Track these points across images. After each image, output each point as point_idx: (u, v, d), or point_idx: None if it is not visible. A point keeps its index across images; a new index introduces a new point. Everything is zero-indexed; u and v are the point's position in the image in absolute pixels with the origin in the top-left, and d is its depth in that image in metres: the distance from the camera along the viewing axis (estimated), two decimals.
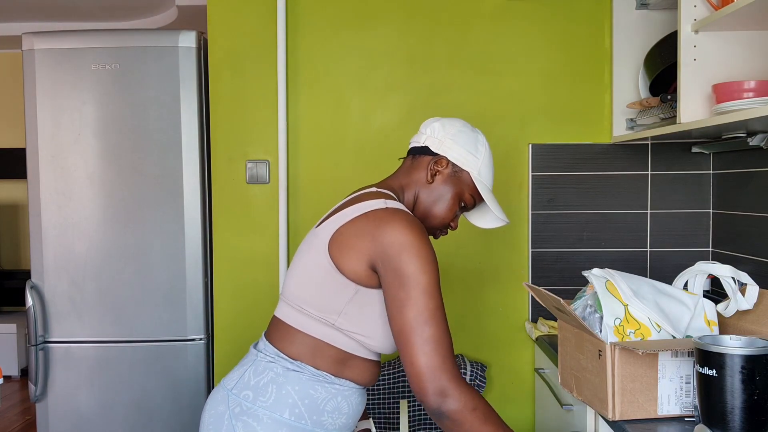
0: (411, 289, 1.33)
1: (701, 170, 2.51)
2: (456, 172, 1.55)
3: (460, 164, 1.54)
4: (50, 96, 2.51)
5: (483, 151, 1.57)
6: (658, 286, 1.66)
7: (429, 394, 1.30)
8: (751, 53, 1.92)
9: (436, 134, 1.57)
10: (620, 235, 2.53)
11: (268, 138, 2.54)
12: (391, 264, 1.34)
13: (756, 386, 1.30)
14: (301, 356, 1.43)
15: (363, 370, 1.48)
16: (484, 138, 1.60)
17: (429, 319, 1.32)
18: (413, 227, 1.37)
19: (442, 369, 1.30)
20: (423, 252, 1.34)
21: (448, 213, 1.55)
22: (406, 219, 1.38)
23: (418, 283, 1.33)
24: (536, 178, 2.53)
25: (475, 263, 2.56)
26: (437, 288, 1.35)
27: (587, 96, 2.52)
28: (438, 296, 1.34)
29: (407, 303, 1.32)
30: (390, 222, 1.37)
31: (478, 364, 2.44)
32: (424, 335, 1.31)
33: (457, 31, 2.53)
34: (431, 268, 1.35)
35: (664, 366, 1.53)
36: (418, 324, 1.32)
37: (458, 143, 1.54)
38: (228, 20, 2.54)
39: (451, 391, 1.30)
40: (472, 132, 1.58)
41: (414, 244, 1.34)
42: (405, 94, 2.54)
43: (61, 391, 2.55)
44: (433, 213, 1.55)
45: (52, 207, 2.52)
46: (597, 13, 2.50)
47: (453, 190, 1.55)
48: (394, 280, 1.34)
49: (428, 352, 1.30)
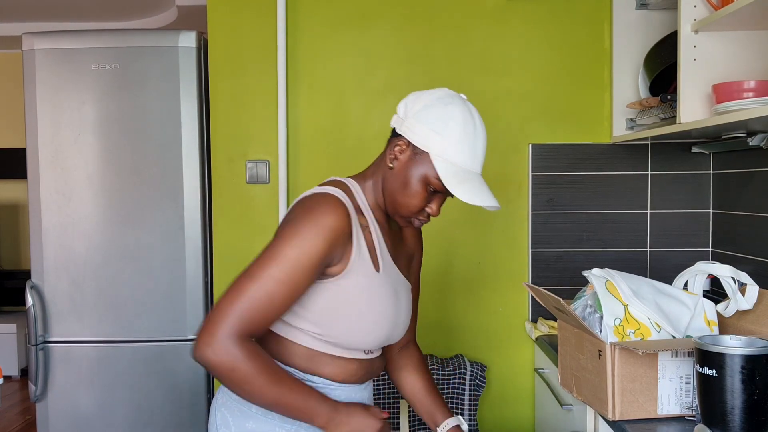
0: (271, 248, 1.27)
1: (701, 170, 2.51)
2: (417, 154, 1.36)
3: (420, 145, 1.35)
4: (50, 96, 2.51)
5: (454, 127, 1.34)
6: (658, 286, 1.66)
7: (201, 337, 1.23)
8: (751, 53, 1.92)
9: (401, 112, 1.42)
10: (620, 235, 2.53)
11: (268, 138, 2.54)
12: (278, 230, 1.32)
13: (756, 386, 1.30)
14: (271, 352, 1.40)
15: (335, 366, 1.40)
16: (464, 111, 1.37)
17: (258, 279, 1.24)
18: (310, 206, 1.31)
19: (227, 321, 1.22)
20: (306, 231, 1.27)
21: (415, 200, 1.37)
22: (310, 198, 1.34)
23: (279, 249, 1.26)
24: (536, 178, 2.53)
25: (475, 263, 2.56)
26: (294, 266, 1.25)
27: (587, 96, 2.52)
28: (287, 272, 1.25)
29: (259, 257, 1.27)
30: (302, 200, 1.36)
31: (478, 364, 2.44)
32: (242, 287, 1.25)
33: (456, 31, 2.53)
34: (302, 247, 1.26)
35: (664, 366, 1.53)
36: (248, 276, 1.25)
37: (421, 121, 1.36)
38: (228, 20, 2.54)
39: (218, 345, 1.22)
40: (446, 106, 1.37)
41: (303, 219, 1.28)
42: (405, 94, 2.51)
43: (61, 391, 2.55)
44: (398, 201, 1.39)
45: (52, 207, 2.52)
46: (597, 13, 2.50)
47: (415, 174, 1.36)
48: (271, 241, 1.30)
49: (233, 301, 1.24)
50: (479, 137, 1.37)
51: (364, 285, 1.36)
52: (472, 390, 2.40)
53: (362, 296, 1.36)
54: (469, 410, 2.40)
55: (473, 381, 2.40)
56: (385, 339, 1.43)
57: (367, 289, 1.37)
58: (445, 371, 2.39)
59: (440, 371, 2.39)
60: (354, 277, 1.35)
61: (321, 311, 1.35)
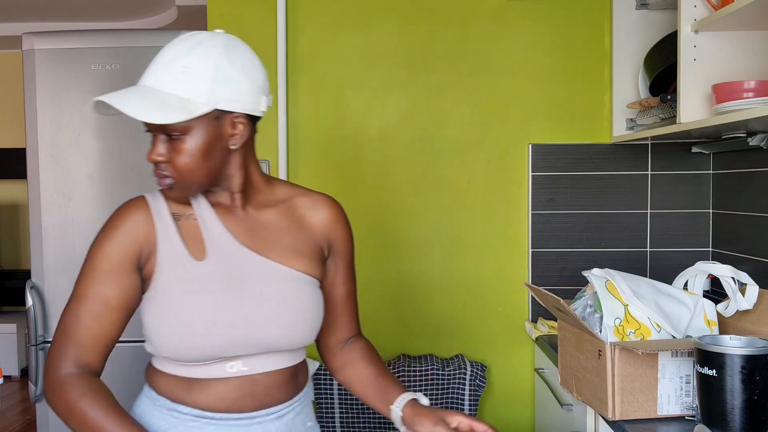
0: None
1: (701, 170, 2.51)
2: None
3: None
4: (50, 96, 2.51)
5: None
6: (658, 286, 1.66)
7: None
8: (751, 53, 1.92)
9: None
10: (620, 235, 2.52)
11: (268, 138, 2.54)
12: None
13: (756, 386, 1.30)
14: (148, 379, 1.32)
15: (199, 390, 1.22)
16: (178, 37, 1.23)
17: (67, 306, 1.22)
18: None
19: (49, 362, 1.19)
20: (94, 243, 1.25)
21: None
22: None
23: (81, 270, 1.24)
24: (536, 178, 2.53)
25: (475, 263, 2.56)
26: (91, 276, 1.21)
27: (587, 96, 2.52)
28: (85, 284, 1.21)
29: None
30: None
31: (478, 364, 2.44)
32: (61, 318, 1.22)
33: (456, 30, 2.53)
34: (92, 256, 1.23)
35: (664, 366, 1.53)
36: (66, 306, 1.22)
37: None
38: (228, 20, 2.53)
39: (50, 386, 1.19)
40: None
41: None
42: (404, 94, 2.54)
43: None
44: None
45: (52, 207, 2.52)
46: (597, 13, 2.50)
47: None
48: None
49: (55, 338, 1.21)
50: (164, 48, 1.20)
51: (178, 279, 1.20)
52: (472, 390, 2.40)
53: (174, 293, 1.19)
54: (469, 410, 2.40)
55: (473, 381, 2.40)
56: (230, 341, 1.19)
57: (181, 282, 1.20)
58: (445, 371, 2.39)
59: (440, 371, 2.39)
60: (167, 273, 1.20)
61: (150, 324, 1.21)
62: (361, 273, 2.54)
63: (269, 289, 1.23)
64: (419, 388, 2.39)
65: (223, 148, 1.21)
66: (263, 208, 1.30)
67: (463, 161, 2.54)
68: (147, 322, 1.22)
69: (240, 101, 1.20)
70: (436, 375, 2.39)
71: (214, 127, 1.19)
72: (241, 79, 1.20)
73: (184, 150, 1.18)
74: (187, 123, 1.16)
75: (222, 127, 1.20)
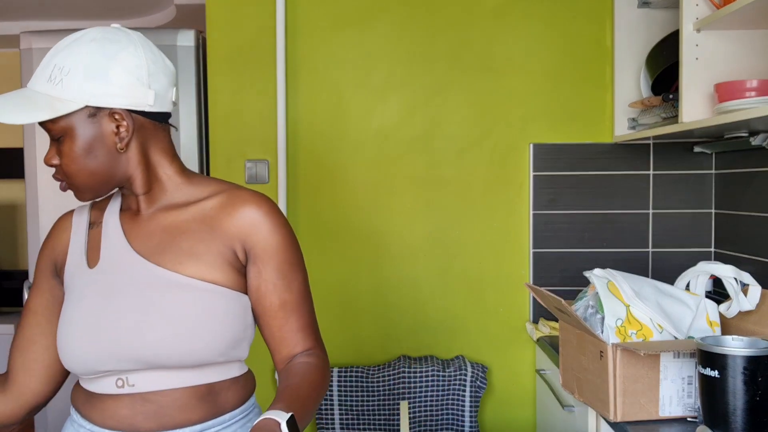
0: None
1: (703, 170, 2.50)
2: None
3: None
4: None
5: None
6: (660, 287, 1.65)
7: None
8: (754, 52, 1.91)
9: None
10: (622, 236, 2.52)
11: (267, 138, 2.53)
12: None
13: (758, 387, 1.29)
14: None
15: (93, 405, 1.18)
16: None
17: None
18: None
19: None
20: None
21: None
22: None
23: None
24: (537, 178, 2.52)
25: (475, 263, 2.55)
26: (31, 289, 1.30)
27: (588, 95, 2.51)
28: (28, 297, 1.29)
29: None
30: None
31: (479, 365, 2.43)
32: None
33: (457, 30, 2.52)
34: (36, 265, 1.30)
35: (666, 367, 1.52)
36: None
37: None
38: (227, 19, 2.53)
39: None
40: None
41: None
42: (405, 94, 2.53)
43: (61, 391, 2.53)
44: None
45: (49, 207, 2.51)
46: (598, 11, 2.49)
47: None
48: None
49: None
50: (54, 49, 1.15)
51: (72, 285, 1.18)
52: (473, 391, 2.39)
53: (69, 299, 1.18)
54: (470, 412, 2.39)
55: (474, 382, 2.39)
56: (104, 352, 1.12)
57: (71, 291, 1.18)
58: (445, 372, 2.38)
59: (441, 372, 2.38)
60: (67, 279, 1.20)
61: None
62: (362, 274, 2.55)
63: (156, 301, 1.12)
64: (420, 389, 2.38)
65: (109, 147, 1.14)
66: (171, 210, 1.20)
67: (463, 161, 2.54)
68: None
69: (116, 95, 1.12)
70: (437, 376, 2.38)
71: (91, 125, 1.12)
72: (115, 71, 1.12)
73: (65, 152, 1.13)
74: (63, 124, 1.12)
75: (101, 125, 1.13)
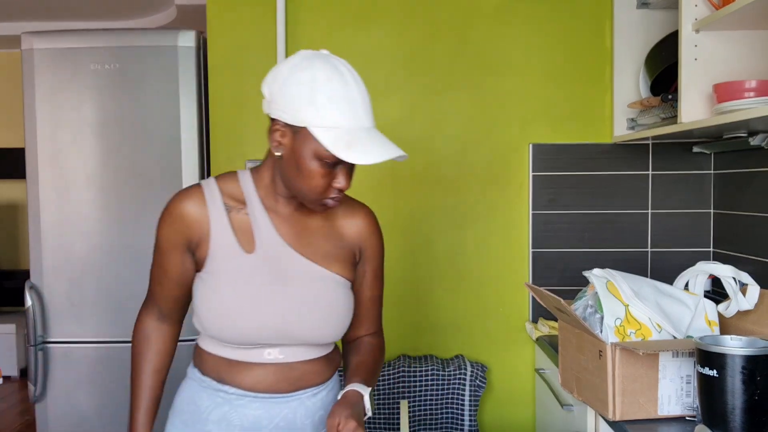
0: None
1: (702, 170, 2.51)
2: (296, 132, 1.24)
3: (295, 122, 1.22)
4: (49, 96, 2.50)
5: (323, 89, 1.21)
6: (659, 287, 1.66)
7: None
8: (752, 53, 1.91)
9: (266, 94, 1.29)
10: (621, 236, 2.52)
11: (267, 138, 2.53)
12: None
13: (757, 386, 1.29)
14: (194, 361, 1.45)
15: (239, 371, 1.35)
16: (324, 67, 1.24)
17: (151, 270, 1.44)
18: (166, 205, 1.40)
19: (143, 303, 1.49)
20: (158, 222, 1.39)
21: (315, 180, 1.25)
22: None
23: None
24: (537, 178, 2.52)
25: (475, 263, 2.56)
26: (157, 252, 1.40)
27: (588, 96, 2.52)
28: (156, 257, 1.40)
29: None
30: None
31: (479, 364, 2.44)
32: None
33: (457, 30, 2.52)
34: (156, 235, 1.39)
35: (664, 366, 1.52)
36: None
37: (286, 96, 1.23)
38: (227, 19, 2.53)
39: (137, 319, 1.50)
40: (305, 70, 1.23)
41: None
42: (405, 94, 2.53)
43: (61, 391, 2.54)
44: (299, 186, 1.28)
45: (51, 207, 2.52)
46: (597, 12, 2.50)
47: (305, 153, 1.23)
48: None
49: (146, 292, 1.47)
50: (353, 89, 1.24)
51: (228, 268, 1.31)
52: (472, 390, 2.39)
53: (224, 281, 1.31)
54: (470, 411, 2.39)
55: (473, 381, 2.40)
56: (271, 332, 1.31)
57: (230, 272, 1.31)
58: (445, 372, 2.39)
59: (440, 372, 2.39)
60: (218, 261, 1.31)
61: (199, 302, 1.35)
62: None
63: (308, 289, 1.34)
64: (419, 388, 2.38)
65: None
66: (302, 210, 1.38)
67: (463, 161, 2.54)
68: (197, 300, 1.34)
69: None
70: (437, 375, 2.38)
71: None
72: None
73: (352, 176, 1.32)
74: None
75: None
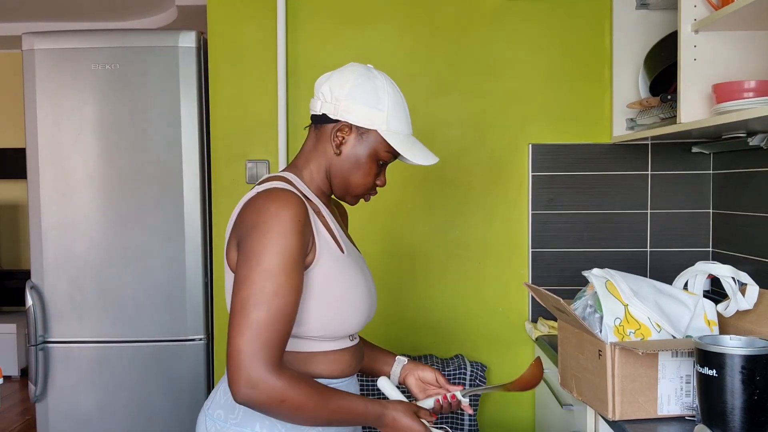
0: (251, 267, 1.23)
1: (701, 170, 2.51)
2: (362, 134, 1.39)
3: (365, 125, 1.38)
4: (50, 96, 2.51)
5: (386, 98, 1.39)
6: (658, 286, 1.66)
7: (236, 382, 1.20)
8: (751, 53, 1.92)
9: (329, 98, 1.41)
10: (620, 235, 2.52)
11: (268, 138, 2.54)
12: (242, 243, 1.28)
13: (756, 386, 1.30)
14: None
15: (330, 362, 1.39)
16: (385, 80, 1.41)
17: (260, 302, 1.21)
18: (266, 206, 1.27)
19: (256, 357, 1.19)
20: (274, 232, 1.24)
21: (368, 178, 1.42)
22: (266, 197, 1.29)
23: (259, 262, 1.23)
24: (536, 178, 2.53)
25: (474, 263, 2.56)
26: (284, 271, 1.23)
27: (587, 96, 2.52)
28: (281, 280, 1.23)
29: (245, 281, 1.23)
30: (250, 203, 1.31)
31: (478, 364, 2.44)
32: (250, 317, 1.21)
33: (457, 31, 2.53)
34: (280, 249, 1.23)
35: (664, 366, 1.52)
36: (248, 305, 1.21)
37: (356, 101, 1.37)
38: (228, 20, 2.54)
39: (260, 383, 1.20)
40: (370, 80, 1.39)
41: (265, 222, 1.25)
42: (405, 94, 2.51)
43: (61, 391, 2.55)
44: (352, 183, 1.42)
45: (52, 207, 2.52)
46: (597, 13, 2.50)
47: (366, 153, 1.39)
48: (240, 257, 1.26)
49: (248, 337, 1.20)
50: (404, 100, 1.45)
51: (336, 268, 1.36)
52: None
53: (337, 279, 1.36)
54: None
55: (473, 381, 2.40)
56: (366, 318, 1.44)
57: (340, 271, 1.37)
58: (445, 371, 2.39)
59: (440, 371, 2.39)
60: (325, 262, 1.34)
61: (306, 307, 1.32)
62: None
63: (370, 275, 1.49)
64: None
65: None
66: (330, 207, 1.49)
67: (463, 161, 2.54)
68: (305, 302, 1.33)
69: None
70: None
71: None
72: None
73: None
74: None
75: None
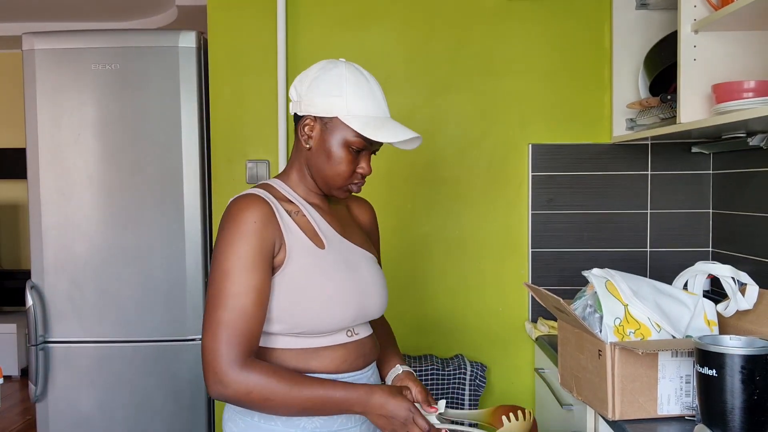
0: (213, 270, 1.32)
1: (701, 170, 2.51)
2: (326, 123, 1.40)
3: (325, 114, 1.39)
4: (50, 96, 2.51)
5: (346, 84, 1.40)
6: (658, 286, 1.66)
7: (206, 378, 1.30)
8: (751, 53, 1.92)
9: (295, 96, 1.44)
10: (620, 235, 2.53)
11: (268, 138, 2.54)
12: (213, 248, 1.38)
13: (756, 386, 1.30)
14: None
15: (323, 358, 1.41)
16: (347, 67, 1.43)
17: (220, 302, 1.29)
18: (228, 213, 1.35)
19: (219, 353, 1.28)
20: (231, 235, 1.32)
21: (343, 166, 1.41)
22: (232, 204, 1.36)
23: (219, 265, 1.31)
24: (536, 178, 2.53)
25: (475, 263, 2.56)
26: (241, 272, 1.30)
27: (587, 96, 2.52)
28: (239, 279, 1.30)
29: (210, 283, 1.33)
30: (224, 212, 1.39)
31: (478, 364, 2.44)
32: (212, 317, 1.30)
33: (457, 31, 2.53)
34: (236, 250, 1.31)
35: (664, 366, 1.53)
36: (212, 306, 1.30)
37: (316, 93, 1.40)
38: (228, 20, 2.54)
39: (224, 378, 1.28)
40: (329, 71, 1.42)
41: (225, 227, 1.33)
42: (404, 94, 2.54)
43: (61, 391, 2.55)
44: (328, 174, 1.42)
45: (52, 207, 2.52)
46: (597, 13, 2.50)
47: (334, 142, 1.40)
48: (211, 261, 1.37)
49: (215, 335, 1.29)
50: (373, 84, 1.46)
51: (310, 264, 1.38)
52: (472, 390, 2.40)
53: (312, 276, 1.37)
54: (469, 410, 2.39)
55: (473, 381, 2.40)
56: (354, 313, 1.43)
57: (314, 267, 1.38)
58: (445, 371, 2.39)
59: (440, 371, 2.39)
60: (297, 260, 1.36)
61: (282, 306, 1.36)
62: None
63: (367, 271, 1.48)
64: None
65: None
66: (333, 204, 1.53)
67: (463, 161, 2.55)
68: (281, 302, 1.36)
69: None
70: (436, 375, 2.39)
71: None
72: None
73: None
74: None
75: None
